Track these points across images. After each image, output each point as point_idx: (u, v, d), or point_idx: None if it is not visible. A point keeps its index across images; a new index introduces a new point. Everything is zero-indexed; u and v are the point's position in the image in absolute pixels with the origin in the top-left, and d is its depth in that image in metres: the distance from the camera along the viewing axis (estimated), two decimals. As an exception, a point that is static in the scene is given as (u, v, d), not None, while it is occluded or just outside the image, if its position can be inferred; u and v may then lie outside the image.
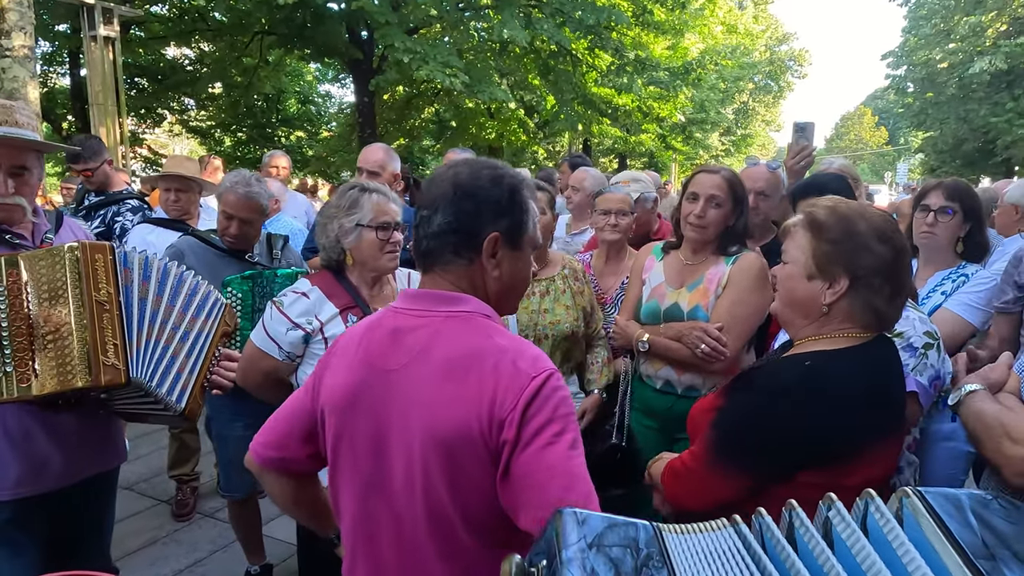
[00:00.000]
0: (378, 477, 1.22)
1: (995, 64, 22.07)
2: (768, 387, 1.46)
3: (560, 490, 1.07)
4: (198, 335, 1.93)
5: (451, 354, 1.17)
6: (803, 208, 1.56)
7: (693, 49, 17.28)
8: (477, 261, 1.24)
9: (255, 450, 1.37)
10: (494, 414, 1.11)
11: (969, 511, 0.74)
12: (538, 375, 1.13)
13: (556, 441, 1.10)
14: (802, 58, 38.44)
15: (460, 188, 1.22)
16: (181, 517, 3.69)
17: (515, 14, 12.41)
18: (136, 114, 16.82)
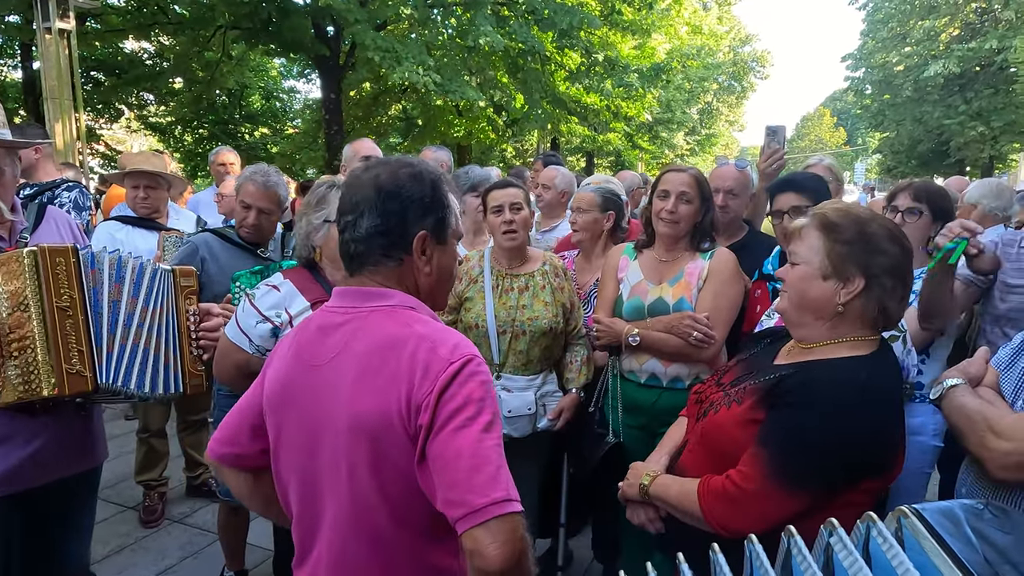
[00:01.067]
0: (312, 471, 1.25)
1: (948, 68, 22.80)
2: (824, 400, 1.40)
3: (466, 471, 1.09)
4: (165, 322, 1.88)
5: (371, 345, 1.20)
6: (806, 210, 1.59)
7: (660, 50, 17.43)
8: (407, 260, 1.27)
9: (211, 446, 1.41)
10: (412, 399, 1.14)
11: (967, 526, 0.75)
12: (455, 360, 1.15)
13: (469, 424, 1.12)
14: (764, 59, 39.10)
15: (382, 189, 1.24)
16: (149, 523, 3.60)
17: (486, 14, 12.36)
18: (93, 109, 16.30)
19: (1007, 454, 1.31)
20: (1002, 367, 1.54)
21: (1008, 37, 21.41)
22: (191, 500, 3.89)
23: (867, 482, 1.39)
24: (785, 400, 1.45)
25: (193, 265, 2.79)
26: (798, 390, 1.44)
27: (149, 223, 3.53)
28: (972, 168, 26.28)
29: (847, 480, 1.37)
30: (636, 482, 1.71)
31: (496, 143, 20.62)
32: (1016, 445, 1.29)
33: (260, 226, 2.80)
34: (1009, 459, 1.31)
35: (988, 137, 23.13)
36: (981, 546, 0.74)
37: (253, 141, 21.24)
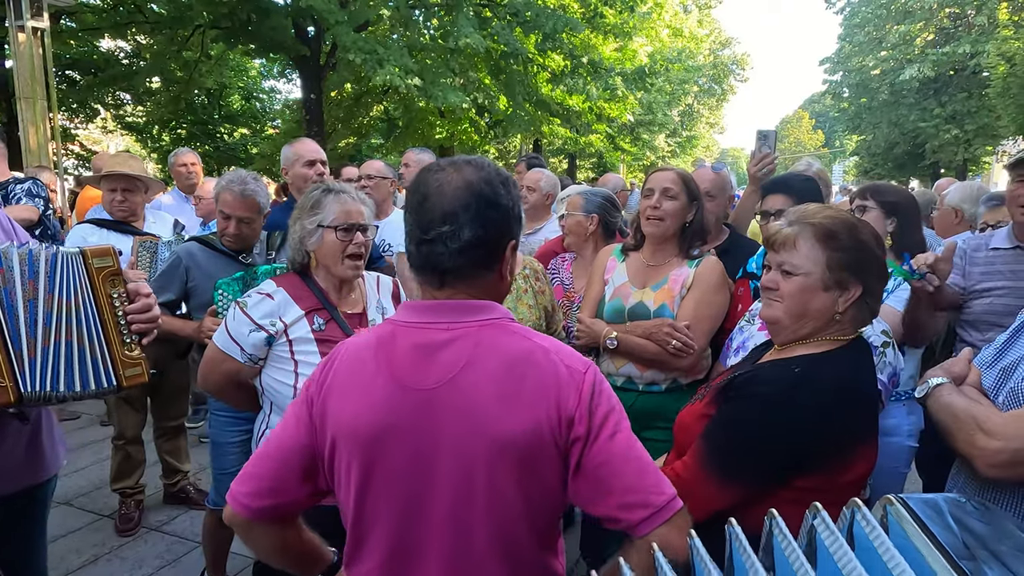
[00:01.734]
0: (422, 501, 1.16)
1: (923, 72, 23.25)
2: (759, 395, 1.45)
3: (637, 474, 1.13)
4: (85, 309, 1.67)
5: (501, 361, 1.14)
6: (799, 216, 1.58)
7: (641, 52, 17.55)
8: (497, 270, 1.21)
9: (241, 502, 1.22)
10: (561, 412, 1.12)
11: (948, 515, 0.77)
12: (586, 369, 1.16)
13: (620, 428, 1.15)
14: (744, 62, 39.56)
15: (483, 198, 1.16)
16: (125, 532, 3.52)
17: (467, 15, 12.34)
18: (68, 109, 16.02)
19: (997, 452, 1.32)
20: (984, 366, 1.56)
21: (981, 42, 21.88)
22: (168, 508, 3.82)
23: (801, 479, 1.39)
24: (728, 395, 1.51)
25: (178, 277, 2.77)
26: (739, 386, 1.50)
27: (124, 227, 3.47)
28: (946, 170, 26.79)
29: (776, 476, 1.39)
30: None
31: (479, 145, 20.61)
32: (1006, 443, 1.31)
33: (241, 235, 2.78)
34: (999, 457, 1.32)
35: (962, 140, 23.62)
36: (961, 533, 0.76)
37: (232, 142, 21.03)
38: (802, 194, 2.63)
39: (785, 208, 2.50)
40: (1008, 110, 17.83)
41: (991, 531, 0.76)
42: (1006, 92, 17.49)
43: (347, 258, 2.03)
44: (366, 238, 2.06)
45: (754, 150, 3.04)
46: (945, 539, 0.72)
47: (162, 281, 2.80)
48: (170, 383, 3.70)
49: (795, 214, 1.55)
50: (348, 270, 2.05)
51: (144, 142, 20.46)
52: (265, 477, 1.23)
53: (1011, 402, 1.39)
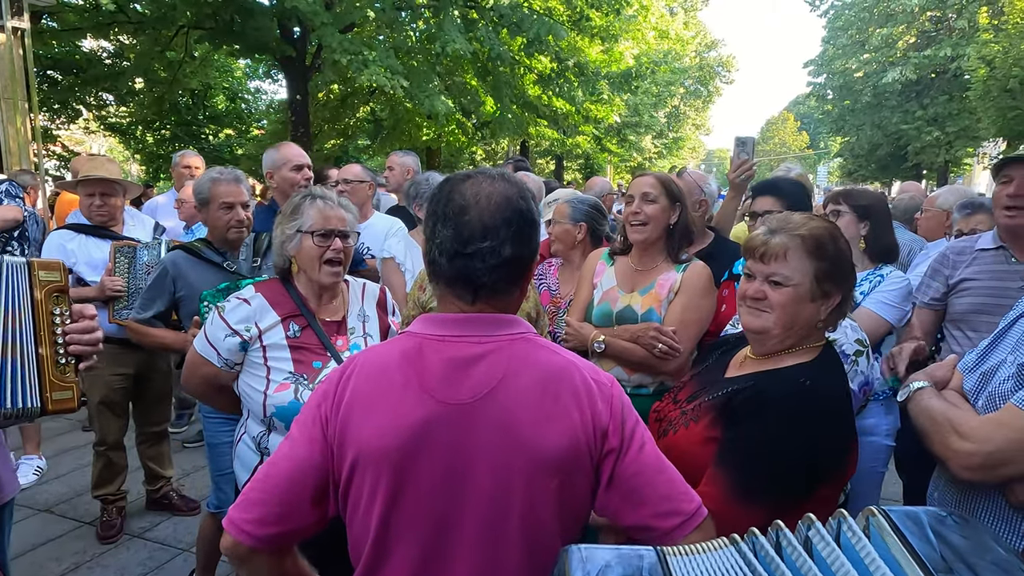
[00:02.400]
0: (450, 518, 1.13)
1: (905, 74, 23.52)
2: (775, 413, 1.41)
3: (668, 483, 1.17)
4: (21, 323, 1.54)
5: (539, 375, 1.14)
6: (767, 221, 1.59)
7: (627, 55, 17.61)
8: (523, 286, 1.23)
9: (244, 530, 1.13)
10: (596, 426, 1.14)
11: (928, 527, 0.79)
12: (611, 383, 1.20)
13: (647, 440, 1.18)
14: (730, 64, 39.79)
15: (523, 215, 1.16)
16: (107, 539, 3.49)
17: (453, 18, 12.32)
18: (49, 109, 15.81)
19: (969, 455, 1.34)
20: (966, 370, 1.59)
21: (961, 45, 22.18)
22: (151, 514, 3.79)
23: (822, 489, 1.41)
24: (738, 416, 1.46)
25: (166, 288, 2.74)
26: (748, 405, 1.46)
27: (103, 231, 3.44)
28: (928, 172, 27.12)
29: (804, 489, 1.39)
30: None
31: (466, 146, 20.59)
32: (978, 446, 1.33)
33: (247, 220, 2.80)
34: (972, 460, 1.34)
35: (943, 142, 23.92)
36: (939, 546, 0.77)
37: (217, 143, 20.85)
38: (792, 197, 2.66)
39: (775, 210, 2.54)
40: (988, 112, 18.07)
41: (970, 545, 0.77)
42: (986, 95, 17.72)
43: (325, 264, 2.02)
44: (346, 244, 2.05)
45: (733, 156, 3.07)
46: (924, 552, 0.74)
47: (151, 294, 2.78)
48: (153, 388, 3.68)
49: (778, 223, 1.55)
50: (326, 276, 2.03)
51: (127, 143, 20.23)
52: (272, 503, 1.15)
53: (989, 406, 1.41)
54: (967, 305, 2.44)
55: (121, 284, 3.27)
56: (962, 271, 2.49)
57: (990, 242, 2.45)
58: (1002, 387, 1.39)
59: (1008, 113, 17.10)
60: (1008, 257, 2.37)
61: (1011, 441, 1.28)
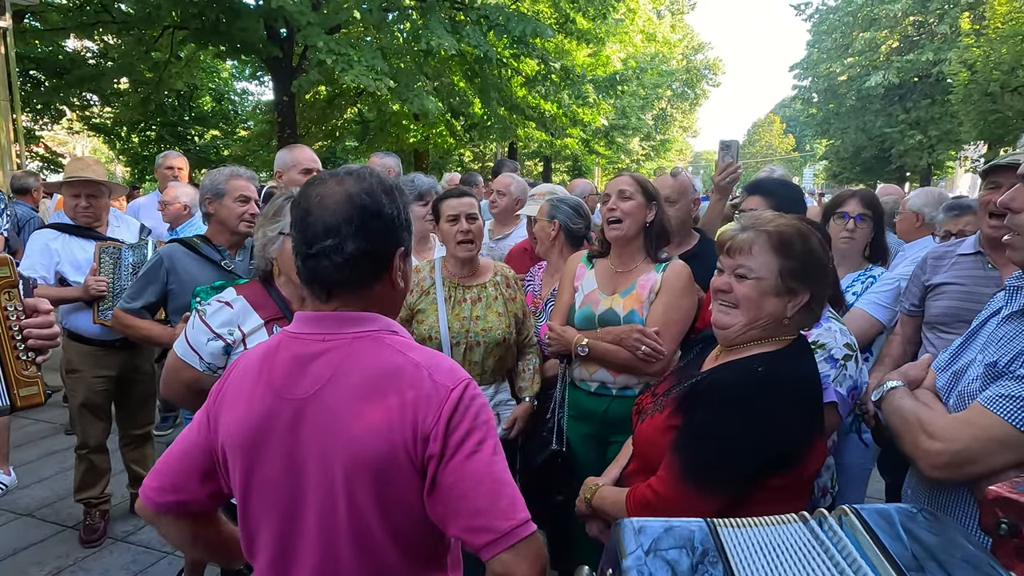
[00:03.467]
0: (295, 510, 1.18)
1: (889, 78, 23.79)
2: (726, 400, 1.46)
3: (487, 497, 1.10)
4: None
5: (366, 376, 1.15)
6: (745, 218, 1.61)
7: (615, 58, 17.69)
8: (386, 280, 1.22)
9: (147, 495, 1.27)
10: (418, 430, 1.10)
11: (899, 525, 0.80)
12: (455, 386, 1.14)
13: (479, 449, 1.11)
14: (716, 67, 40.04)
15: (365, 210, 1.16)
16: (90, 543, 3.46)
17: (440, 19, 12.33)
18: (32, 110, 15.63)
19: (937, 454, 1.37)
20: (939, 369, 1.61)
21: (943, 50, 22.48)
22: (135, 518, 3.75)
23: (776, 478, 1.42)
24: (693, 405, 1.51)
25: (159, 280, 2.73)
26: (703, 394, 1.51)
27: (88, 232, 3.41)
28: (912, 174, 27.44)
29: (752, 479, 1.41)
30: (583, 496, 1.74)
31: (454, 148, 20.57)
32: (946, 445, 1.35)
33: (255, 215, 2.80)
34: (939, 459, 1.36)
35: (926, 145, 24.22)
36: (910, 543, 0.78)
37: (203, 144, 20.71)
38: (781, 197, 2.68)
39: (757, 208, 2.56)
40: (970, 116, 18.30)
41: (940, 542, 0.78)
42: (968, 99, 17.96)
43: None
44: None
45: (718, 160, 3.10)
46: (895, 550, 0.75)
47: (142, 283, 2.76)
48: (137, 391, 3.65)
49: (749, 220, 1.59)
50: None
51: (112, 143, 20.03)
52: (167, 474, 1.28)
53: (959, 405, 1.43)
54: (942, 308, 2.47)
55: (105, 284, 3.25)
56: (940, 275, 2.52)
57: (970, 247, 2.48)
58: (970, 386, 1.42)
59: (989, 117, 17.33)
60: (985, 263, 2.40)
61: (976, 440, 1.31)
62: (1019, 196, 1.37)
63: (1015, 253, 1.40)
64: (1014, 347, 1.36)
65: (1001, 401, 1.29)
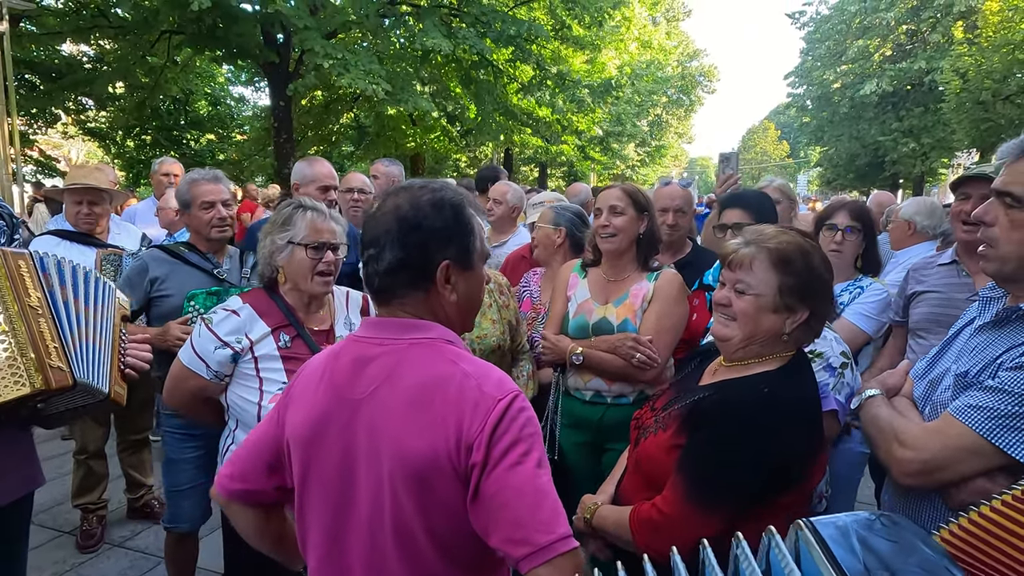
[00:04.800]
0: (346, 507, 1.22)
1: (882, 86, 23.95)
2: (733, 421, 1.46)
3: (529, 508, 1.09)
4: (103, 320, 1.89)
5: (417, 381, 1.18)
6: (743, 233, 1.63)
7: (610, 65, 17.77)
8: (432, 290, 1.24)
9: (220, 481, 1.35)
10: (462, 438, 1.12)
11: (854, 536, 0.81)
12: (503, 397, 1.14)
13: (523, 461, 1.11)
14: (712, 74, 40.25)
15: (404, 222, 1.21)
16: (87, 549, 3.47)
17: (436, 23, 12.39)
18: (27, 113, 15.59)
19: (908, 462, 1.40)
20: (917, 377, 1.65)
21: (936, 59, 22.64)
22: (132, 523, 3.77)
23: (783, 497, 1.44)
24: (698, 423, 1.51)
25: (143, 283, 2.73)
26: (708, 412, 1.51)
27: (87, 238, 3.43)
28: (905, 181, 27.59)
29: (757, 499, 1.42)
30: (582, 515, 1.75)
31: (450, 153, 20.60)
32: (917, 454, 1.39)
33: (229, 218, 2.78)
34: (911, 467, 1.40)
35: (919, 153, 24.34)
36: (863, 554, 0.79)
37: (199, 148, 20.67)
38: (758, 208, 2.73)
39: (742, 221, 2.60)
40: (962, 124, 18.44)
41: (896, 549, 0.79)
42: (960, 107, 18.10)
43: (316, 275, 2.05)
44: (336, 257, 2.08)
45: (718, 172, 3.14)
46: (846, 563, 0.76)
47: (124, 286, 2.71)
48: (135, 396, 3.63)
49: (752, 235, 1.60)
50: (317, 286, 2.07)
51: (107, 148, 19.98)
52: (238, 463, 1.36)
53: (932, 414, 1.48)
54: (921, 315, 2.54)
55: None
56: (921, 285, 2.59)
57: (948, 258, 2.56)
58: (942, 396, 1.46)
59: (981, 125, 17.48)
60: (960, 270, 2.49)
61: (946, 448, 1.35)
62: (991, 210, 1.41)
63: (988, 264, 1.44)
64: (984, 358, 1.41)
65: (969, 411, 1.33)
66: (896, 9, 24.53)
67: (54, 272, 1.80)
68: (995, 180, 1.42)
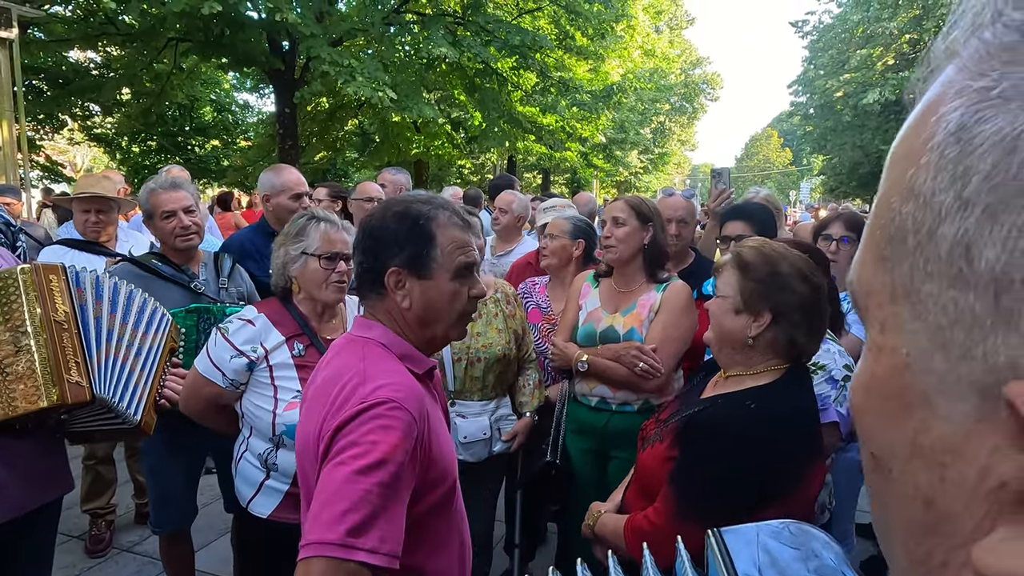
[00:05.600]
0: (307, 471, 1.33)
1: (885, 95, 24.00)
2: (719, 435, 1.50)
3: (321, 504, 1.10)
4: (150, 349, 1.96)
5: (330, 371, 1.31)
6: (733, 246, 1.70)
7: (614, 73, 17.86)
8: (386, 294, 1.34)
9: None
10: (322, 429, 1.20)
11: (756, 545, 0.83)
12: (367, 400, 1.17)
13: (348, 462, 1.12)
14: (715, 81, 40.37)
15: (367, 230, 1.36)
16: (96, 553, 3.50)
17: (441, 31, 12.48)
18: (34, 119, 15.72)
19: None
20: None
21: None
22: (140, 528, 3.79)
23: (774, 507, 1.43)
24: (690, 438, 1.56)
25: None
26: (700, 427, 1.56)
27: (97, 247, 3.46)
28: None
29: (745, 512, 1.42)
30: (588, 521, 1.81)
31: (454, 160, 20.68)
32: None
33: (193, 227, 2.67)
34: None
35: (922, 162, 24.32)
36: (761, 561, 0.81)
37: (204, 154, 20.79)
38: (759, 220, 2.77)
39: (744, 233, 2.65)
40: (964, 134, 18.47)
41: (798, 555, 0.81)
42: (962, 116, 18.13)
43: (330, 285, 2.10)
44: (349, 266, 2.13)
45: (711, 187, 3.20)
46: (743, 570, 0.79)
47: None
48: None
49: (737, 245, 1.69)
50: (331, 294, 2.12)
51: (112, 154, 20.11)
52: None
53: None
54: None
55: None
56: None
57: None
58: None
59: (983, 134, 17.49)
60: None
61: None
62: None
63: None
64: None
65: None
66: (899, 19, 24.62)
67: (89, 287, 1.83)
68: None
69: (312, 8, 12.23)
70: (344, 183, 21.67)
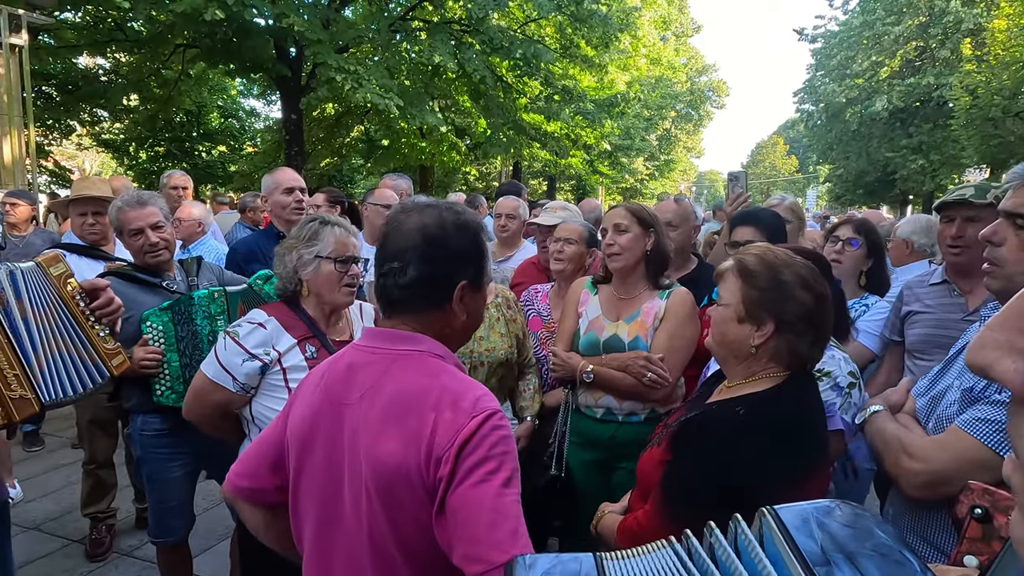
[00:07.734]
0: (332, 508, 1.26)
1: (892, 102, 23.95)
2: (708, 440, 1.49)
3: (486, 527, 1.08)
4: (61, 315, 1.81)
5: (397, 391, 1.20)
6: (735, 253, 1.67)
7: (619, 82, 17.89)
8: (447, 307, 1.28)
9: (229, 478, 1.41)
10: (432, 452, 1.13)
11: (813, 521, 0.84)
12: (478, 415, 1.15)
13: (489, 479, 1.11)
14: (721, 89, 40.46)
15: (431, 239, 1.25)
16: (96, 557, 3.48)
17: (445, 40, 12.55)
18: (43, 124, 15.85)
19: (916, 474, 1.43)
20: (919, 395, 1.67)
21: (945, 74, 22.64)
22: (140, 532, 3.78)
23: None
24: (681, 443, 1.55)
25: None
26: (691, 433, 1.55)
27: (96, 252, 3.46)
28: (915, 198, 27.50)
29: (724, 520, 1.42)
30: (594, 521, 1.80)
31: (460, 166, 20.74)
32: (926, 466, 1.41)
33: (163, 242, 2.63)
34: (919, 479, 1.43)
35: (928, 170, 24.24)
36: (821, 538, 0.81)
37: (211, 160, 20.91)
38: (769, 226, 2.75)
39: (753, 239, 2.62)
40: (972, 141, 18.39)
41: (853, 534, 0.82)
42: (970, 124, 18.05)
43: (343, 287, 2.12)
44: (359, 270, 2.16)
45: (727, 191, 3.18)
46: (805, 545, 0.79)
47: None
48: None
49: (739, 251, 1.66)
50: (344, 296, 2.14)
51: (120, 159, 20.24)
52: (247, 461, 1.42)
53: (937, 428, 1.50)
54: (917, 336, 2.56)
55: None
56: (914, 304, 2.61)
57: (939, 277, 2.58)
58: (948, 410, 1.48)
59: (991, 141, 17.43)
60: (952, 290, 2.50)
61: (954, 460, 1.37)
62: (1000, 231, 1.44)
63: (994, 282, 1.47)
64: None
65: (977, 424, 1.35)
66: (904, 25, 24.59)
67: (8, 287, 1.68)
68: (1004, 202, 1.45)
69: (319, 15, 12.31)
70: (349, 189, 21.74)
